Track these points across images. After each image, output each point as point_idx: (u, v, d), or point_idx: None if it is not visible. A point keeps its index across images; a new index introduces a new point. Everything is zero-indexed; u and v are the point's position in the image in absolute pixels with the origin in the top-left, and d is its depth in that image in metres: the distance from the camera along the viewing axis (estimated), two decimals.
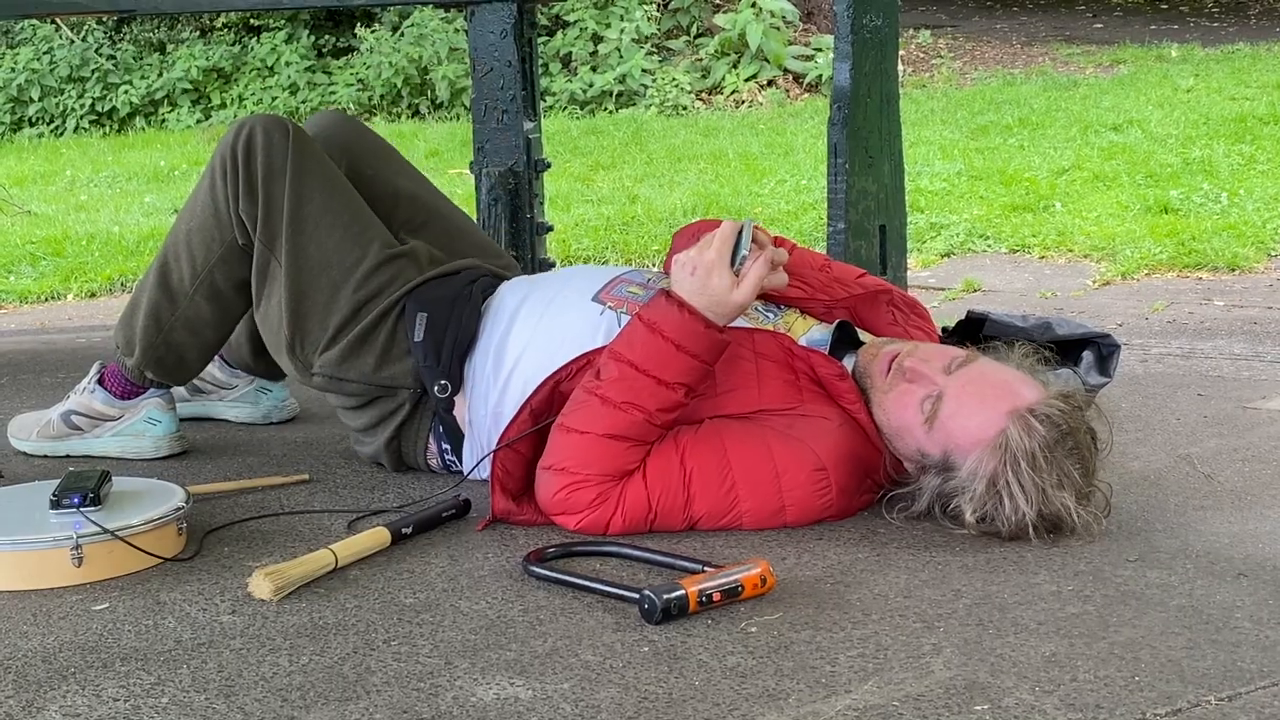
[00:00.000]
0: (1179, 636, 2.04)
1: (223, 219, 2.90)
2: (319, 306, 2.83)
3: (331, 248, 2.85)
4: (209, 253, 2.93)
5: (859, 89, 3.50)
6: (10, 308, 6.43)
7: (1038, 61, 12.27)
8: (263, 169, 2.86)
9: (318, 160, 2.92)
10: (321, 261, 2.84)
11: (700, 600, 2.12)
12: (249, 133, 2.87)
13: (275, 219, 2.85)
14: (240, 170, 2.86)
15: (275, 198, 2.85)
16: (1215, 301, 5.35)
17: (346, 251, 2.85)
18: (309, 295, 2.84)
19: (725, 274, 2.45)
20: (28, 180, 9.85)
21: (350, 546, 2.40)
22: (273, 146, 2.87)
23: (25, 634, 2.13)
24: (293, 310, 2.84)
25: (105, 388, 3.12)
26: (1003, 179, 7.61)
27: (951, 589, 2.23)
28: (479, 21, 4.32)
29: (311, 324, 2.84)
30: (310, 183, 2.87)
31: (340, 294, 2.83)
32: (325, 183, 2.90)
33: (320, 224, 2.86)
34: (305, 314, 2.84)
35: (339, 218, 2.88)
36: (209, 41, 13.21)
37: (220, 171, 2.89)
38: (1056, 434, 2.38)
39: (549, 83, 11.50)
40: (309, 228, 2.85)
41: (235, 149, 2.87)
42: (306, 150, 2.91)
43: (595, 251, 6.78)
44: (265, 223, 2.86)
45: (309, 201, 2.86)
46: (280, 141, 2.87)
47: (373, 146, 3.15)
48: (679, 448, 2.49)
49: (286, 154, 2.87)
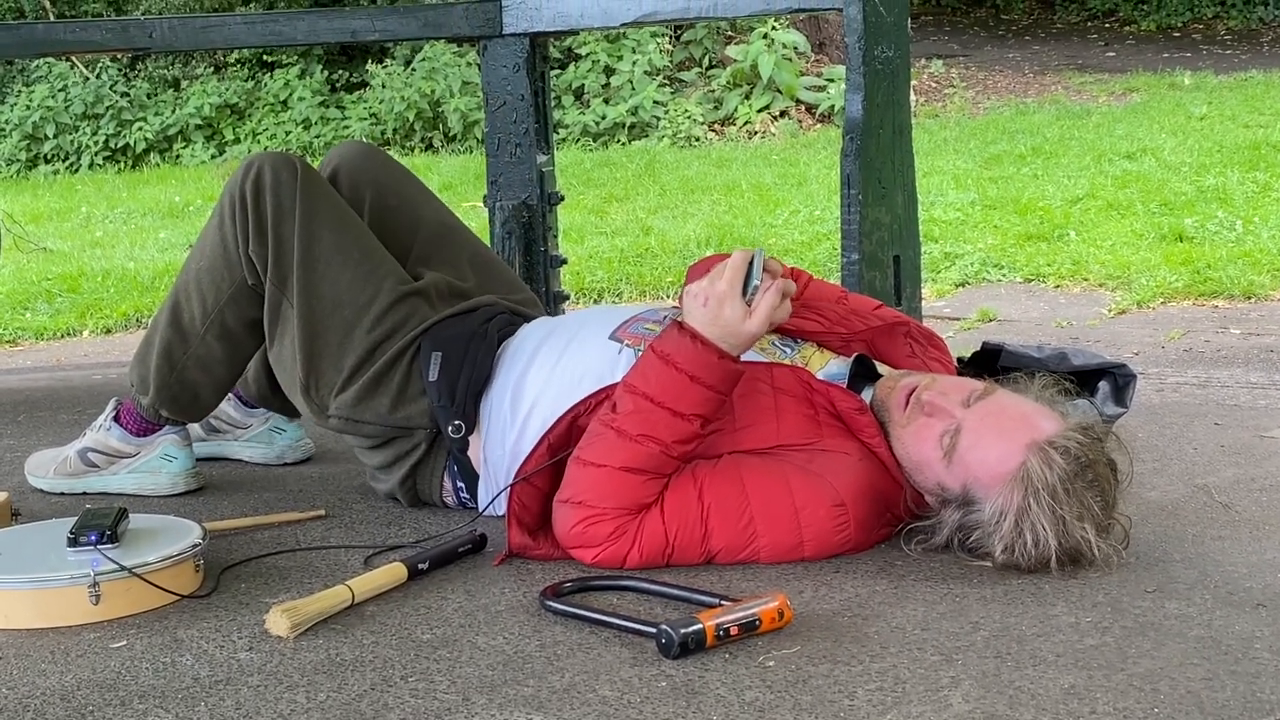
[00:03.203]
0: (1198, 668, 2.03)
1: (232, 259, 2.90)
2: (332, 347, 2.83)
3: (344, 287, 2.85)
4: (219, 292, 2.93)
5: (871, 119, 3.50)
6: (26, 344, 6.45)
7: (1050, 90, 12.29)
8: (272, 209, 2.86)
9: (327, 198, 2.92)
10: (334, 301, 2.84)
11: (717, 634, 2.11)
12: (257, 172, 2.88)
13: (286, 260, 2.85)
14: (250, 211, 2.87)
15: (285, 239, 2.85)
16: (1231, 330, 5.34)
17: (359, 290, 2.85)
18: (322, 336, 2.84)
19: (737, 304, 2.45)
20: (43, 217, 9.90)
21: (367, 582, 2.40)
22: (281, 186, 2.87)
23: (43, 672, 2.13)
24: (306, 352, 2.84)
25: (121, 425, 3.12)
26: (1017, 208, 7.61)
27: (969, 621, 2.23)
28: (491, 56, 4.34)
29: (326, 365, 2.84)
30: (320, 221, 2.87)
31: (354, 334, 2.83)
32: (335, 221, 2.90)
33: (331, 263, 2.85)
34: (319, 355, 2.84)
35: (350, 256, 2.87)
36: (223, 78, 13.30)
37: (229, 212, 2.90)
38: (1076, 466, 2.37)
39: (562, 115, 11.54)
40: (320, 267, 2.85)
41: (244, 189, 2.87)
42: (315, 189, 2.91)
43: (609, 284, 6.78)
44: (276, 264, 2.86)
45: (319, 241, 2.86)
46: (289, 181, 2.87)
47: (397, 176, 3.15)
48: (697, 482, 2.49)
49: (295, 193, 2.87)
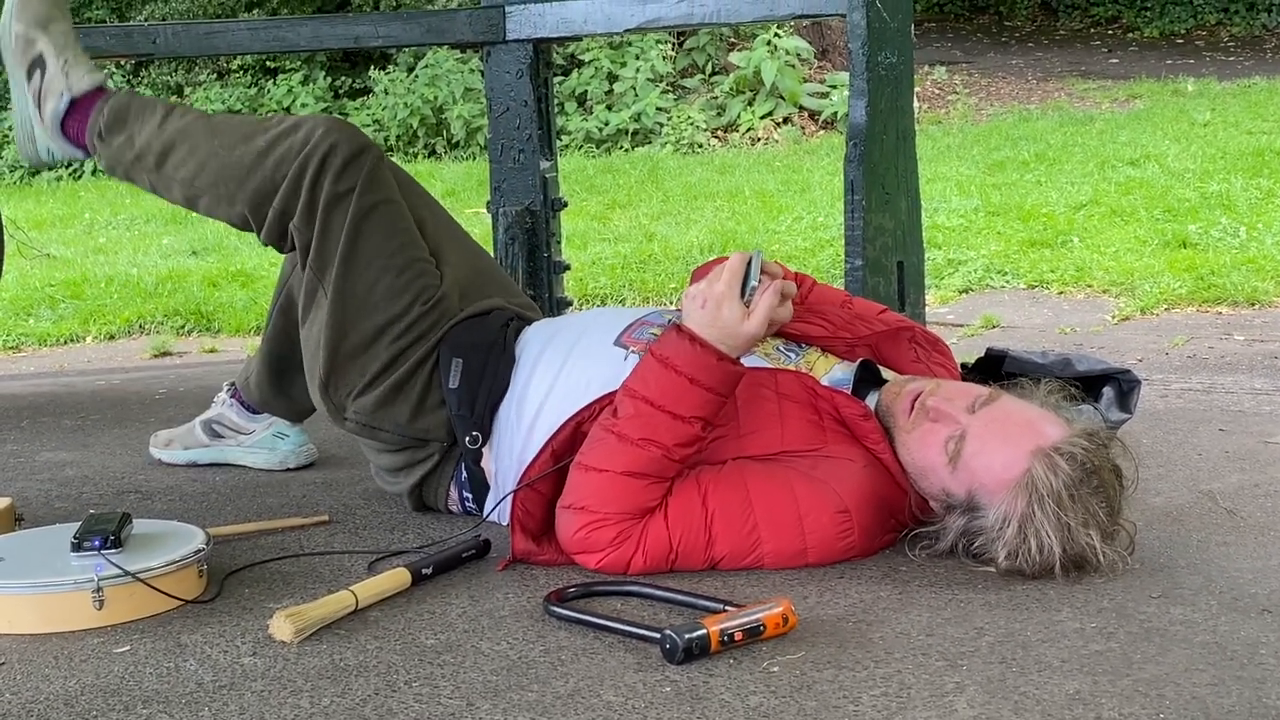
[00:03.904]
0: (1203, 673, 2.03)
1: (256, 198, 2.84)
2: (358, 349, 2.81)
3: (380, 292, 2.81)
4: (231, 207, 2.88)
5: (875, 126, 3.50)
6: (29, 350, 6.44)
7: (1054, 97, 12.29)
8: (326, 194, 2.79)
9: (387, 195, 2.86)
10: (369, 305, 2.81)
11: (722, 640, 2.10)
12: (328, 150, 2.79)
13: (329, 250, 2.81)
14: (305, 186, 2.79)
15: (333, 229, 2.80)
16: (1235, 336, 5.34)
17: (394, 298, 2.81)
18: (349, 337, 2.81)
19: (735, 305, 2.44)
20: (47, 223, 9.89)
21: (371, 588, 2.40)
22: (345, 172, 2.80)
23: (47, 677, 2.13)
24: (330, 349, 2.81)
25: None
26: (1020, 214, 7.61)
27: (974, 627, 2.22)
28: (495, 62, 4.34)
29: (348, 366, 2.82)
30: (372, 221, 2.82)
31: (381, 340, 2.80)
32: (387, 223, 2.84)
33: (372, 265, 2.81)
34: (343, 354, 2.81)
35: (392, 262, 2.82)
36: (226, 84, 13.29)
37: (287, 167, 2.80)
38: (1081, 472, 2.37)
39: (565, 122, 11.54)
40: (360, 267, 2.81)
41: (311, 158, 2.79)
42: (378, 182, 2.84)
43: (612, 290, 6.78)
44: (319, 251, 2.82)
45: (366, 239, 2.81)
46: (353, 169, 2.80)
47: (401, 178, 3.12)
48: (701, 487, 2.48)
49: (356, 185, 2.80)
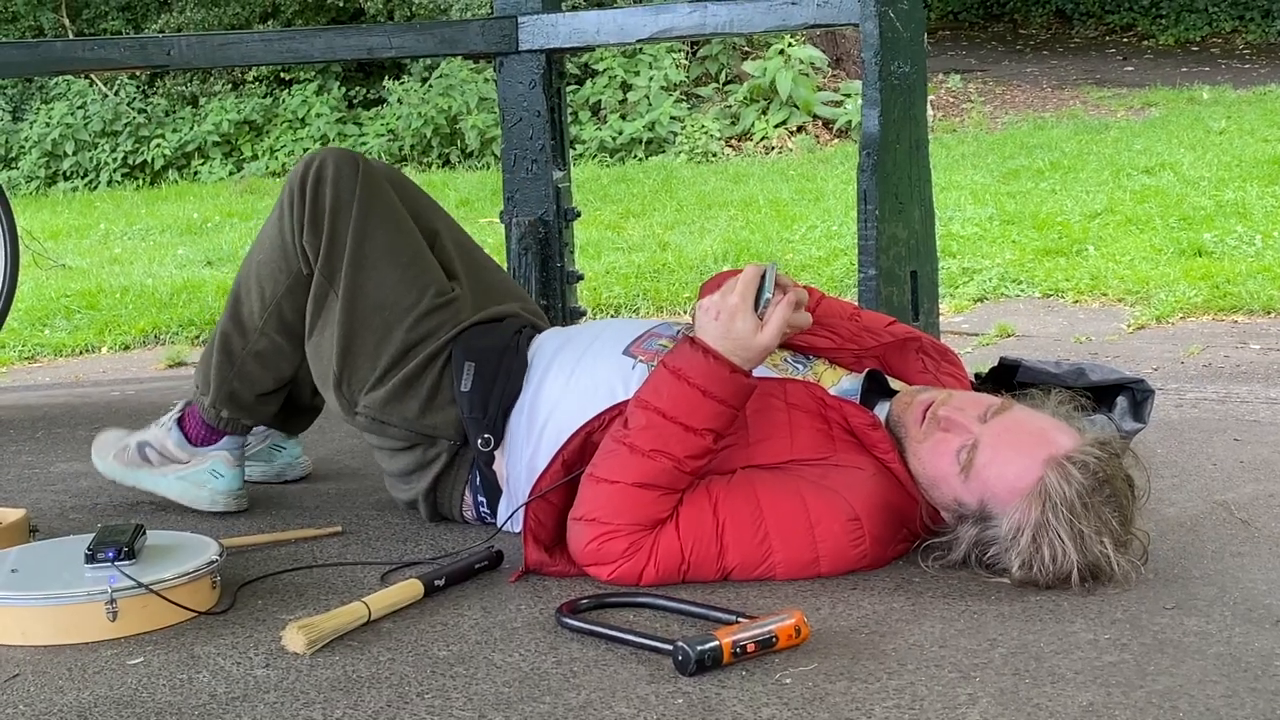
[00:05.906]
0: (1217, 685, 2.02)
1: (289, 250, 2.90)
2: (370, 346, 2.84)
3: (389, 288, 2.85)
4: (276, 284, 2.93)
5: (888, 135, 3.50)
6: (45, 361, 6.45)
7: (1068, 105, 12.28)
8: (330, 202, 2.86)
9: (385, 198, 2.92)
10: (378, 301, 2.85)
11: (734, 651, 2.10)
12: (319, 165, 2.88)
13: (338, 253, 2.86)
14: (308, 202, 2.87)
15: (339, 232, 2.86)
16: (1251, 345, 5.32)
17: (404, 293, 2.85)
18: (361, 334, 2.84)
19: (749, 318, 2.44)
20: (62, 234, 9.92)
21: (383, 599, 2.40)
22: (341, 180, 2.87)
23: (60, 689, 2.13)
24: (344, 346, 2.84)
25: (182, 429, 3.09)
26: (1035, 223, 7.59)
27: (987, 638, 2.22)
28: (508, 72, 4.34)
29: (361, 361, 2.84)
30: (375, 220, 2.88)
31: (393, 335, 2.83)
32: (390, 221, 2.90)
33: (380, 263, 2.86)
34: (356, 351, 2.84)
35: (399, 257, 2.88)
36: (240, 94, 13.34)
37: (289, 202, 2.90)
38: (1094, 481, 2.36)
39: (578, 131, 11.56)
40: (369, 266, 2.85)
41: (305, 180, 2.88)
42: (375, 186, 2.91)
43: (626, 300, 6.78)
44: (327, 256, 2.86)
45: (372, 239, 2.86)
46: (349, 176, 2.88)
47: (412, 190, 3.15)
48: (711, 498, 2.48)
49: (355, 189, 2.87)
